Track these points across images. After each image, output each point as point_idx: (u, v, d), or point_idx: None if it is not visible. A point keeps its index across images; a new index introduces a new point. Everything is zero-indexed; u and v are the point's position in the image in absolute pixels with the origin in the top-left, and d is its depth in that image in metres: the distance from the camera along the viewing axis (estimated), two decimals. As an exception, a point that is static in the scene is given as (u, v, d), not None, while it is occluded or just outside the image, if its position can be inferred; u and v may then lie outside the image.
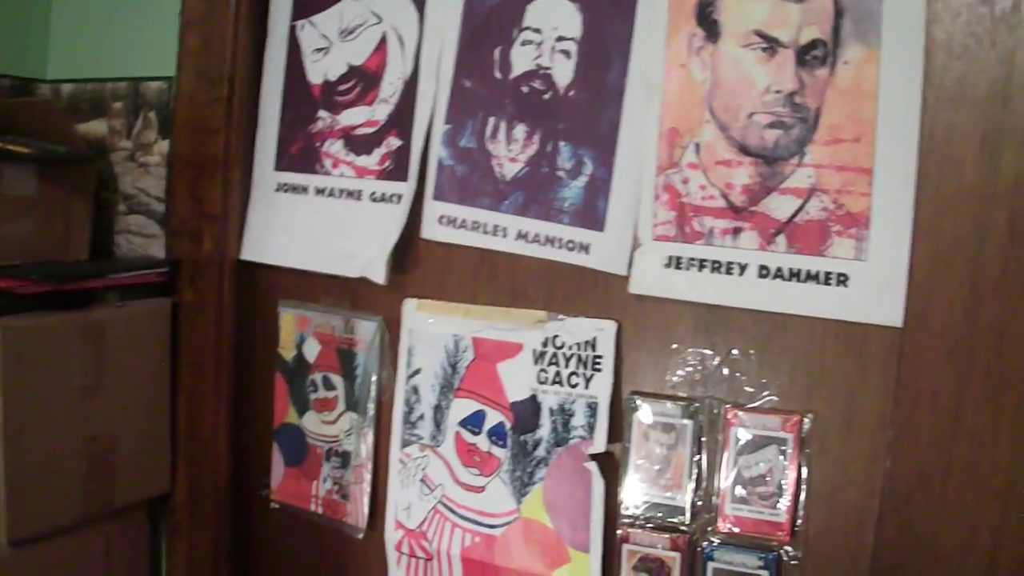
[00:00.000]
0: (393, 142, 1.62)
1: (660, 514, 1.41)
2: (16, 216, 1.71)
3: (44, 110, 1.88)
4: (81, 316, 1.64)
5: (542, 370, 1.48)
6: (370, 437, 1.68)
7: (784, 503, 1.33)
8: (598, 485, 1.45)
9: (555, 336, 1.48)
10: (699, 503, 1.39)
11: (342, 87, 1.68)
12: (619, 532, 1.44)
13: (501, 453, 1.52)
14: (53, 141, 1.76)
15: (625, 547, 1.43)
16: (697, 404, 1.39)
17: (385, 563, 1.68)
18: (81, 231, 1.83)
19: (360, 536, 1.70)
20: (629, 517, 1.43)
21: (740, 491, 1.35)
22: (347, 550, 1.75)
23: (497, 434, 1.53)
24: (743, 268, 1.33)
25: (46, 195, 1.75)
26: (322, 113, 1.71)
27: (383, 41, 1.63)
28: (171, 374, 1.81)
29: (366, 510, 1.69)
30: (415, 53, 1.60)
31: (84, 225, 1.84)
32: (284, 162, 1.76)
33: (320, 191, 1.71)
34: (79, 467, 1.65)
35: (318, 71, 1.71)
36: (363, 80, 1.66)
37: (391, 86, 1.63)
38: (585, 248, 1.44)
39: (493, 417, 1.53)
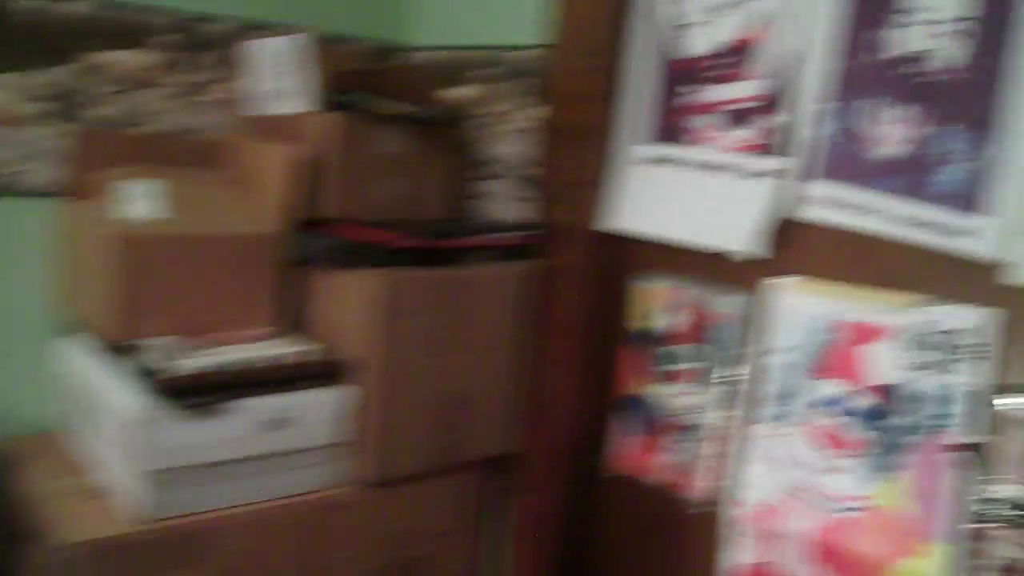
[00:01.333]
0: (768, 119, 1.62)
1: (1026, 514, 1.37)
2: (385, 174, 1.82)
3: (411, 74, 1.99)
4: (450, 273, 1.73)
5: (911, 356, 1.45)
6: (722, 413, 1.69)
7: None
8: (961, 478, 1.41)
9: (927, 322, 1.44)
10: (1074, 507, 1.34)
11: (716, 61, 1.69)
12: (977, 528, 1.40)
13: (860, 437, 1.51)
14: (418, 104, 1.86)
15: (983, 545, 1.39)
16: (1079, 404, 1.34)
17: (721, 539, 1.69)
18: (442, 192, 1.93)
19: (700, 511, 1.72)
20: (990, 514, 1.39)
21: (1121, 497, 1.30)
22: (684, 524, 1.77)
23: (858, 417, 1.51)
24: None
25: (412, 156, 1.86)
26: (694, 87, 1.72)
27: (763, 17, 1.62)
28: (527, 337, 1.88)
29: (709, 485, 1.71)
30: (795, 30, 1.58)
31: (445, 186, 1.93)
32: (652, 134, 1.79)
33: (689, 164, 1.73)
34: (436, 418, 1.74)
35: (692, 44, 1.72)
36: (738, 55, 1.66)
37: (767, 63, 1.62)
38: (966, 234, 1.40)
39: (855, 400, 1.51)
